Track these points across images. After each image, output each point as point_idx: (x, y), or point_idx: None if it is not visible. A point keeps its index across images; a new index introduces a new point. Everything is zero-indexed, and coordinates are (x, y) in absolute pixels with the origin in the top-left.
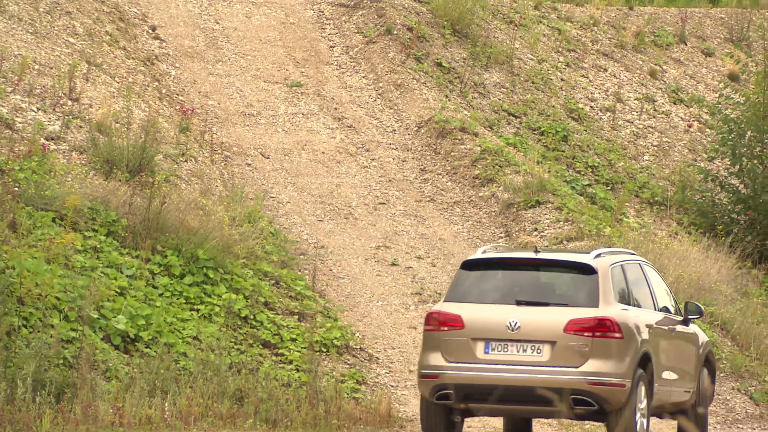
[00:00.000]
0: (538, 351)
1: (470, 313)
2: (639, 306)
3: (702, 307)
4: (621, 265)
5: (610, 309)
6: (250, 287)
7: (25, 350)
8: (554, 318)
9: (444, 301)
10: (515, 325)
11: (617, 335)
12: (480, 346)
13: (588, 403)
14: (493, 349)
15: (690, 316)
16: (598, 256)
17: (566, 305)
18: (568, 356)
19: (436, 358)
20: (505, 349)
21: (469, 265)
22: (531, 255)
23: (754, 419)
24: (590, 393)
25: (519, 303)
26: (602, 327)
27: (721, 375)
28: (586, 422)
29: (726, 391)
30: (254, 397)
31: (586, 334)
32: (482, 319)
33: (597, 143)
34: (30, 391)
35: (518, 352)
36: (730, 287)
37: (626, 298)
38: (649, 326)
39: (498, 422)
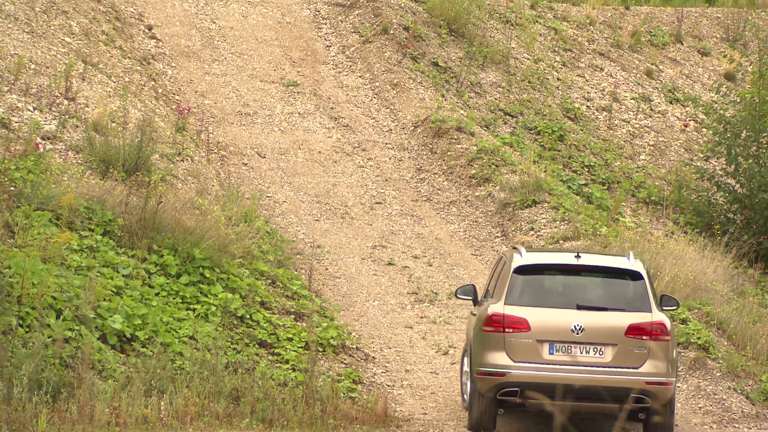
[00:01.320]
0: (601, 353)
1: (535, 316)
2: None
3: (677, 299)
4: (647, 269)
5: (660, 313)
6: (247, 287)
7: (21, 350)
8: (615, 322)
9: (505, 304)
10: (579, 328)
11: (667, 338)
12: (545, 348)
13: (644, 401)
14: (557, 350)
15: (666, 308)
16: (635, 259)
17: (623, 310)
18: (629, 358)
19: (501, 358)
20: (569, 351)
21: (523, 270)
22: (584, 262)
23: (750, 419)
24: (648, 392)
25: (580, 307)
26: (657, 331)
27: (717, 375)
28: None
29: (722, 390)
30: (250, 397)
31: (644, 337)
32: (547, 323)
33: (593, 143)
34: (26, 391)
35: (581, 353)
36: (726, 287)
37: (657, 301)
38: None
39: None
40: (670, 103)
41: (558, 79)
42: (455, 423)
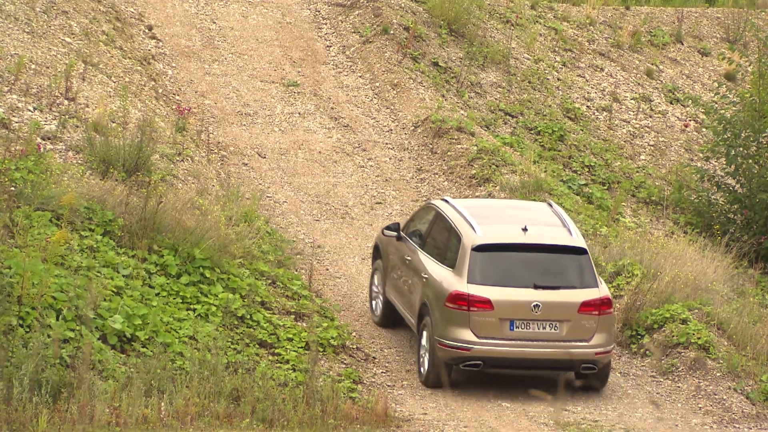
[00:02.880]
0: (556, 328)
1: (497, 296)
2: None
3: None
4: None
5: (604, 287)
6: (247, 287)
7: (22, 350)
8: (569, 299)
9: (468, 282)
10: (538, 307)
11: (611, 310)
12: (507, 325)
13: (592, 369)
14: (518, 327)
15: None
16: (569, 228)
17: (575, 287)
18: (580, 332)
19: (467, 334)
20: (528, 327)
21: (481, 248)
22: (536, 240)
23: (750, 419)
24: (596, 361)
25: (537, 287)
26: (605, 305)
27: (718, 375)
28: (582, 419)
29: (722, 390)
30: (251, 397)
31: (594, 312)
32: (509, 303)
33: (593, 143)
34: (27, 391)
35: (539, 329)
36: (726, 287)
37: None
38: None
39: None
40: (671, 103)
41: (558, 79)
42: (455, 423)
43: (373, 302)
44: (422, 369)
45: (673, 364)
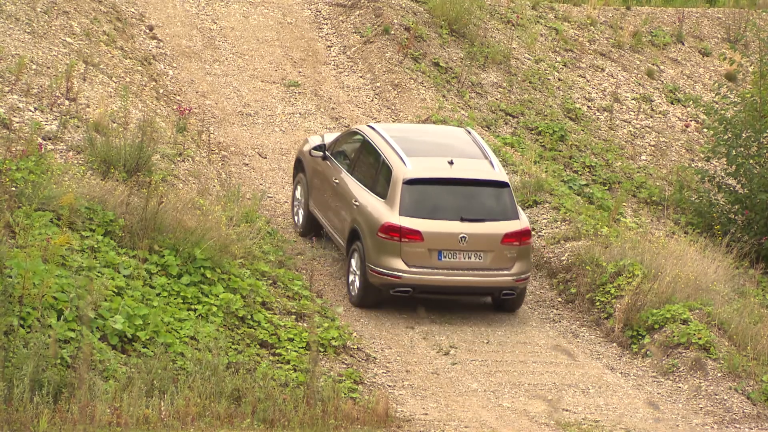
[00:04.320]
0: (481, 257)
1: (427, 228)
2: None
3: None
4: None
5: (524, 218)
6: (248, 287)
7: (22, 350)
8: (493, 231)
9: (400, 215)
10: (464, 238)
11: (530, 241)
12: (435, 255)
13: (511, 294)
14: (445, 257)
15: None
16: (491, 160)
17: (498, 219)
18: (503, 261)
19: (398, 263)
20: (455, 257)
21: (412, 182)
22: (461, 174)
23: (751, 419)
24: (515, 287)
25: (463, 220)
26: (525, 236)
27: (718, 375)
28: (582, 420)
29: (723, 390)
30: (252, 397)
31: (515, 243)
32: (437, 234)
33: (594, 143)
34: (27, 391)
35: (465, 259)
36: (727, 287)
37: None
38: None
39: None
40: (671, 103)
41: (559, 80)
42: (456, 423)
43: (296, 216)
44: (353, 291)
45: (674, 365)
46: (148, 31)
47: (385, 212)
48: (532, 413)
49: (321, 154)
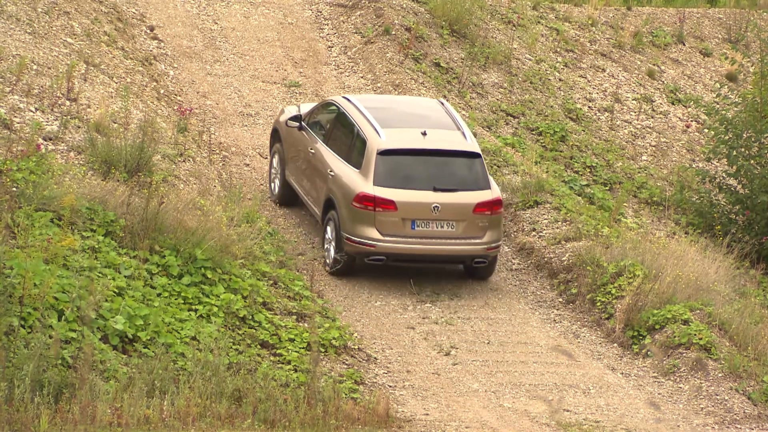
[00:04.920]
0: (453, 227)
1: (401, 198)
2: None
3: None
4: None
5: (495, 188)
6: (248, 287)
7: (23, 350)
8: (465, 201)
9: (374, 185)
10: (437, 208)
11: (501, 210)
12: (409, 224)
13: (483, 262)
14: (419, 226)
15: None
16: (463, 132)
17: (470, 189)
18: (474, 230)
19: (372, 232)
20: (428, 226)
21: (386, 152)
22: (434, 145)
23: (752, 419)
24: (486, 255)
25: (436, 190)
26: (496, 206)
27: (719, 375)
28: (583, 420)
29: (724, 391)
30: (252, 398)
31: (486, 212)
32: (411, 204)
33: (595, 143)
34: (28, 392)
35: (438, 228)
36: (727, 287)
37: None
38: None
39: None
40: (672, 103)
41: (560, 80)
42: (457, 424)
43: (272, 183)
44: (328, 259)
45: (675, 365)
46: (148, 31)
47: (360, 182)
48: (533, 413)
49: (297, 124)
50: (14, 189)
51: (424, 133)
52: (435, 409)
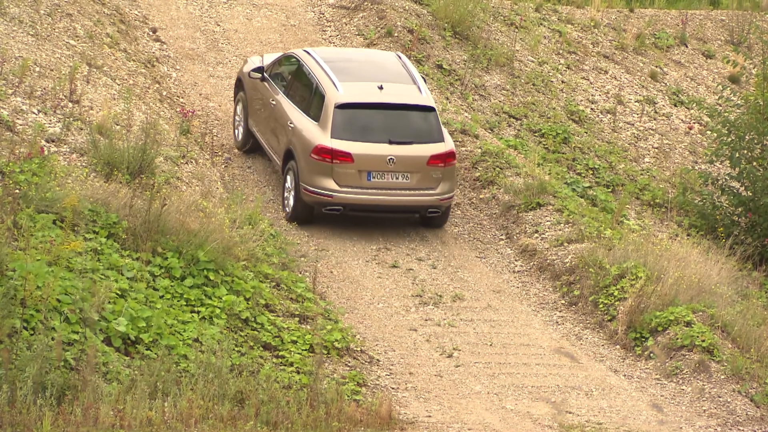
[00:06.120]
0: (407, 178)
1: (357, 150)
2: None
3: None
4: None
5: (450, 141)
6: (251, 289)
7: (26, 352)
8: (419, 153)
9: (331, 137)
10: (392, 160)
11: (455, 162)
12: (365, 176)
13: (436, 212)
14: (374, 178)
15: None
16: (419, 86)
17: (425, 142)
18: (428, 181)
19: (330, 183)
20: (383, 177)
21: (344, 106)
22: (390, 99)
23: (755, 421)
24: (440, 206)
25: (392, 142)
26: (450, 158)
27: (722, 377)
28: (586, 422)
29: (727, 393)
30: (255, 399)
31: (440, 164)
32: (367, 156)
33: (597, 145)
34: (31, 393)
35: (393, 179)
36: (730, 289)
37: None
38: None
39: None
40: (675, 105)
41: (562, 82)
42: (459, 426)
43: (236, 130)
44: (287, 208)
45: (677, 367)
46: (151, 33)
47: (318, 135)
48: (536, 415)
49: (259, 75)
50: (17, 191)
51: (381, 87)
52: (437, 411)
